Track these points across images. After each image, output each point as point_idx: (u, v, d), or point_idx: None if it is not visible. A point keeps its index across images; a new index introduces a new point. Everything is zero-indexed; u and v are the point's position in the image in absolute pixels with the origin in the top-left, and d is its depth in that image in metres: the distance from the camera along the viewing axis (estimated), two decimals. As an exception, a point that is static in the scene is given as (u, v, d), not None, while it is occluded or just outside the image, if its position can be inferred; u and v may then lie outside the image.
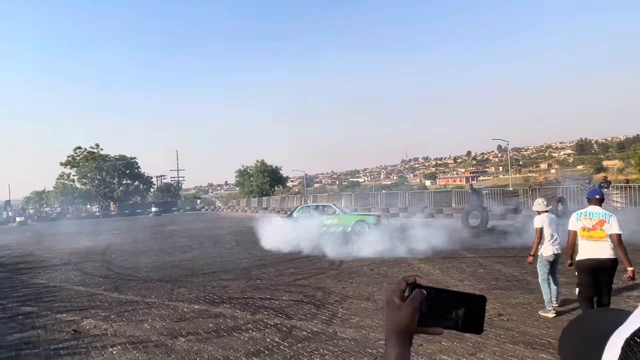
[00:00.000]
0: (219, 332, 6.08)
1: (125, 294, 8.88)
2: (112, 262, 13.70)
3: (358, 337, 5.63)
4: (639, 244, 10.83)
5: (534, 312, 6.34)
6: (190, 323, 6.62)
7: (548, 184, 41.18)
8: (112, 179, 68.57)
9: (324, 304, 7.39)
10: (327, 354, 5.12)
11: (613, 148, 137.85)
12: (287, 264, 11.53)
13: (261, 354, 5.21)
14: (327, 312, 6.85)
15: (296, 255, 12.81)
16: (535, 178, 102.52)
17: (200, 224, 31.04)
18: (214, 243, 17.67)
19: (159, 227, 30.02)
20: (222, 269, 11.50)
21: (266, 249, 14.25)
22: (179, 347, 5.59)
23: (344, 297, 7.75)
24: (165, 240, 20.01)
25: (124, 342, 5.87)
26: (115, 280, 10.49)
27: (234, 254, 14.19)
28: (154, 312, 7.38)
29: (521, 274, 8.89)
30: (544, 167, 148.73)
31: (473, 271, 9.48)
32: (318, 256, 12.37)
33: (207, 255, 14.12)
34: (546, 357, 4.69)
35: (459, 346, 5.09)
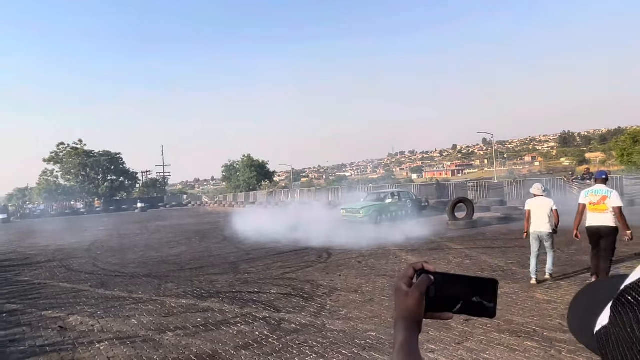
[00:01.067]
0: (207, 327, 6.07)
1: (112, 290, 8.80)
2: (97, 258, 13.55)
3: (347, 328, 5.66)
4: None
5: (520, 301, 6.44)
6: (178, 318, 6.59)
7: (532, 176, 41.65)
8: (96, 175, 67.68)
9: (312, 296, 7.41)
10: (316, 345, 5.14)
11: (595, 140, 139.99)
12: (275, 258, 11.52)
13: (250, 347, 5.22)
14: (315, 305, 6.87)
15: (284, 249, 12.82)
16: (520, 171, 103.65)
17: (187, 219, 30.84)
18: (201, 238, 17.57)
19: (145, 222, 29.74)
20: (209, 263, 11.45)
21: (253, 243, 14.24)
22: (167, 341, 5.56)
23: (332, 290, 7.78)
24: (151, 236, 19.84)
25: (111, 338, 5.82)
26: (101, 277, 10.38)
27: (221, 248, 14.14)
28: (142, 307, 7.33)
29: (506, 265, 9.01)
30: (528, 160, 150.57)
31: (459, 262, 9.58)
32: (306, 249, 12.41)
33: (194, 250, 14.04)
34: (531, 345, 4.77)
35: (446, 335, 5.15)
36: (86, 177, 66.55)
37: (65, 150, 66.23)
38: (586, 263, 8.65)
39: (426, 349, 4.78)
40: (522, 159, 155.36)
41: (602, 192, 6.87)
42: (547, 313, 5.81)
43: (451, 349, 4.80)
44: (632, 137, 29.00)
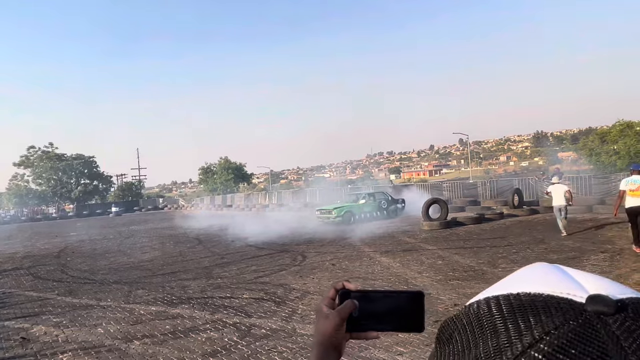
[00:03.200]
0: (175, 334, 5.96)
1: (80, 298, 8.58)
2: (67, 265, 13.21)
3: (317, 332, 5.63)
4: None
5: (488, 301, 6.52)
6: (146, 325, 6.46)
7: (507, 176, 42.43)
8: (69, 179, 66.16)
9: (284, 300, 7.37)
10: (285, 351, 5.10)
11: (567, 140, 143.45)
12: (250, 262, 11.44)
13: (218, 354, 5.14)
14: (287, 309, 6.83)
15: (259, 252, 12.73)
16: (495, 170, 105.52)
17: (163, 223, 30.37)
18: (175, 242, 17.32)
19: (118, 227, 29.17)
20: (182, 268, 11.28)
21: (229, 247, 14.11)
22: (133, 350, 5.44)
23: (305, 293, 7.75)
24: (124, 241, 19.46)
25: (76, 348, 5.66)
26: (69, 284, 10.12)
27: (195, 252, 13.96)
28: (109, 315, 7.17)
29: (478, 265, 9.13)
30: (503, 160, 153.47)
31: (432, 263, 9.66)
32: (280, 252, 12.35)
33: (167, 255, 13.83)
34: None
35: (415, 337, 5.17)
36: (58, 181, 64.97)
37: (36, 153, 64.55)
38: (555, 262, 8.81)
39: (394, 352, 4.80)
40: (498, 159, 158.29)
41: (638, 182, 9.04)
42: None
43: (419, 351, 4.82)
44: (600, 137, 29.83)
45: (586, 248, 10.05)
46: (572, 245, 10.51)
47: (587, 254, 9.37)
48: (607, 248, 9.81)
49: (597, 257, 9.06)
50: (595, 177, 20.32)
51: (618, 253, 9.23)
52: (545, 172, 25.41)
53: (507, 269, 8.60)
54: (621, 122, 28.95)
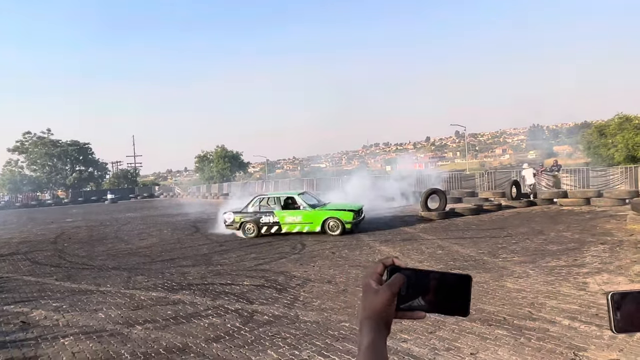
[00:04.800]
0: (177, 319, 5.93)
1: (79, 283, 8.54)
2: (64, 250, 13.14)
3: (320, 319, 5.62)
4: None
5: (490, 290, 6.53)
6: (147, 311, 6.43)
7: (503, 168, 42.55)
8: (64, 166, 65.77)
9: (285, 287, 7.35)
10: (288, 337, 5.09)
11: (563, 134, 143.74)
12: (249, 249, 11.41)
13: (221, 339, 5.12)
14: (288, 296, 6.81)
15: (258, 241, 12.70)
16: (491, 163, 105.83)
17: (159, 210, 30.28)
18: (173, 229, 17.26)
19: (115, 214, 29.06)
20: (181, 255, 11.25)
21: (227, 234, 14.07)
22: (135, 335, 5.41)
23: (306, 281, 7.73)
24: (121, 227, 19.39)
25: (77, 333, 5.63)
26: (68, 270, 10.07)
27: (193, 240, 13.91)
28: (109, 300, 7.13)
29: (478, 254, 9.14)
30: (499, 152, 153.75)
31: (432, 252, 9.67)
32: (280, 241, 12.33)
33: (165, 242, 13.78)
34: (502, 333, 4.83)
35: (419, 325, 5.17)
36: (53, 167, 64.59)
37: (31, 139, 64.06)
38: (554, 253, 8.87)
39: (399, 339, 4.79)
40: (493, 152, 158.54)
41: None
42: (517, 302, 5.89)
43: (424, 338, 4.82)
44: (599, 130, 29.90)
45: (585, 239, 10.07)
46: (571, 236, 10.53)
47: (586, 245, 9.39)
48: (607, 240, 9.84)
49: (597, 248, 9.08)
50: (593, 169, 20.37)
51: (617, 245, 9.25)
52: (543, 164, 25.44)
53: (507, 259, 8.62)
54: (620, 116, 29.03)
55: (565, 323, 4.99)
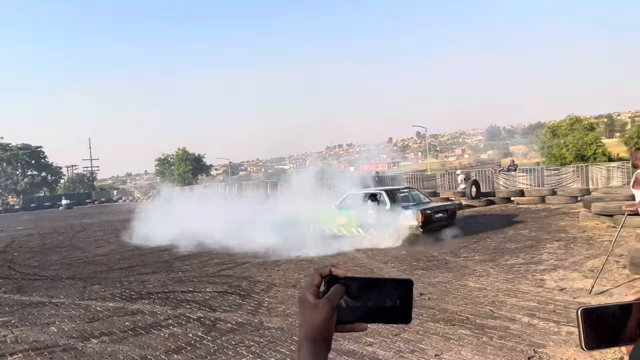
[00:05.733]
0: (136, 331, 5.70)
1: (30, 296, 8.10)
2: (14, 260, 12.48)
3: (284, 325, 5.53)
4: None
5: (453, 289, 6.62)
6: (104, 323, 6.15)
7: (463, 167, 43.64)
8: (14, 170, 62.74)
9: (249, 293, 7.22)
10: (252, 345, 4.97)
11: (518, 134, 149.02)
12: (212, 255, 11.16)
13: (183, 350, 4.95)
14: (252, 302, 6.69)
15: (221, 245, 12.44)
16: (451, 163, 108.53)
17: (117, 215, 29.30)
18: (132, 235, 16.69)
19: (70, 220, 27.91)
20: (140, 262, 10.89)
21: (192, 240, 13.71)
22: (90, 349, 5.16)
23: (270, 286, 7.62)
24: (77, 235, 18.61)
25: (26, 349, 5.31)
26: (17, 281, 9.55)
27: (153, 246, 13.48)
28: (63, 313, 6.79)
29: (440, 254, 9.28)
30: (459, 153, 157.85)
31: (396, 253, 9.74)
32: (243, 244, 12.12)
33: (124, 249, 13.32)
34: (464, 332, 4.88)
35: (384, 328, 5.16)
36: (3, 172, 61.51)
37: (-22, 144, 60.79)
38: (513, 251, 9.11)
39: (364, 342, 4.76)
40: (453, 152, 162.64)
41: None
42: (478, 300, 6.00)
43: (389, 340, 4.81)
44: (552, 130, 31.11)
45: (541, 237, 10.42)
46: (529, 234, 10.87)
47: (542, 243, 9.71)
48: (562, 237, 10.21)
49: (552, 245, 9.40)
50: (547, 168, 21.16)
51: (571, 241, 9.61)
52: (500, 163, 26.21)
53: (468, 258, 8.80)
54: (571, 117, 30.32)
55: (524, 320, 5.11)
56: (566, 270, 7.28)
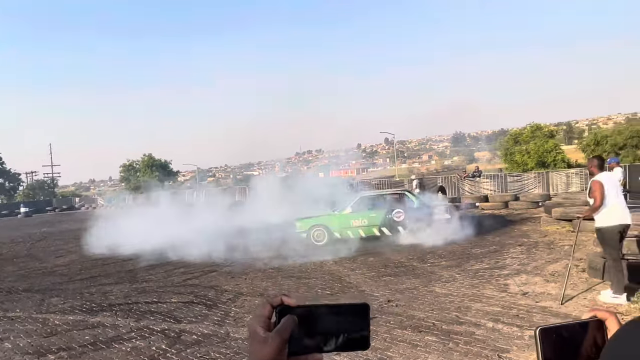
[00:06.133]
0: (96, 345, 5.49)
1: (-18, 310, 7.70)
2: (-33, 272, 11.86)
3: (251, 336, 5.43)
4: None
5: (420, 295, 6.68)
6: (62, 337, 5.90)
7: (430, 174, 44.42)
8: (-32, 177, 59.96)
9: (216, 303, 7.08)
10: (218, 357, 4.87)
11: (482, 141, 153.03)
12: (178, 264, 10.92)
13: (145, 364, 4.80)
14: (219, 312, 6.56)
15: (188, 253, 12.18)
16: (418, 169, 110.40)
17: (79, 224, 28.34)
18: (95, 244, 16.15)
19: (28, 229, 26.82)
20: (103, 272, 10.54)
21: (158, 249, 13.38)
22: (47, 366, 4.94)
23: (237, 295, 7.51)
24: (36, 244, 17.90)
25: (-23, 367, 5.04)
26: (-30, 294, 9.07)
27: (117, 255, 13.09)
28: (18, 327, 6.48)
29: (408, 260, 9.37)
30: (426, 159, 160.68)
31: (364, 260, 9.78)
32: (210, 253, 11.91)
33: (85, 259, 12.87)
34: (431, 339, 4.93)
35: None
36: (-44, 179, 58.68)
37: None
38: (478, 256, 9.29)
39: (332, 352, 4.73)
40: (421, 158, 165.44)
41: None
42: (445, 306, 6.07)
43: (356, 349, 4.79)
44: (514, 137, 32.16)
45: (505, 242, 10.68)
46: (493, 239, 11.12)
47: (506, 248, 9.95)
48: (524, 241, 10.49)
49: (515, 250, 9.64)
50: (510, 175, 21.78)
51: (533, 246, 9.88)
52: (465, 170, 26.80)
53: (435, 264, 8.92)
54: (532, 125, 31.46)
55: (489, 325, 5.20)
56: (529, 274, 7.47)
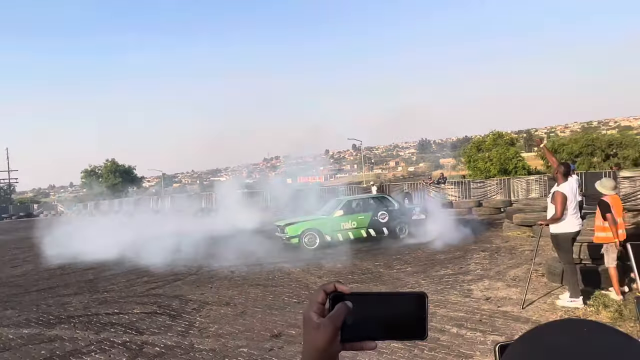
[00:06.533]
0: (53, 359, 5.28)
1: None
2: None
3: (217, 346, 5.35)
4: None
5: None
6: (16, 352, 5.64)
7: (397, 180, 45.04)
8: None
9: (180, 313, 6.93)
10: (182, 369, 4.76)
11: (447, 147, 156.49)
12: (141, 272, 10.64)
13: (105, 379, 4.64)
14: (183, 323, 6.42)
15: (152, 262, 11.89)
16: (385, 175, 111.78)
17: (38, 231, 27.22)
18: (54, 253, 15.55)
19: (-18, 238, 25.57)
20: (61, 282, 10.15)
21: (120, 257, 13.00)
22: (-1, 383, 4.70)
23: (203, 304, 7.37)
24: (-11, 254, 17.08)
25: None
26: None
27: (77, 264, 12.64)
28: (-32, 343, 6.15)
29: (375, 267, 9.44)
30: (392, 165, 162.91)
31: (331, 267, 9.80)
32: (175, 261, 11.66)
33: (43, 268, 12.36)
34: (397, 346, 4.96)
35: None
36: None
37: None
38: (443, 262, 9.46)
39: (298, 361, 4.70)
40: (388, 164, 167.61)
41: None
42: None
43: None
44: (477, 145, 33.05)
45: (469, 247, 10.91)
46: (457, 245, 11.34)
47: (470, 253, 10.17)
48: (487, 247, 10.75)
49: (478, 255, 9.87)
50: (473, 181, 22.33)
51: (495, 251, 10.15)
52: (431, 176, 27.29)
53: (401, 270, 9.03)
54: (494, 132, 32.42)
55: (453, 331, 5.29)
56: (491, 279, 7.65)
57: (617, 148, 32.88)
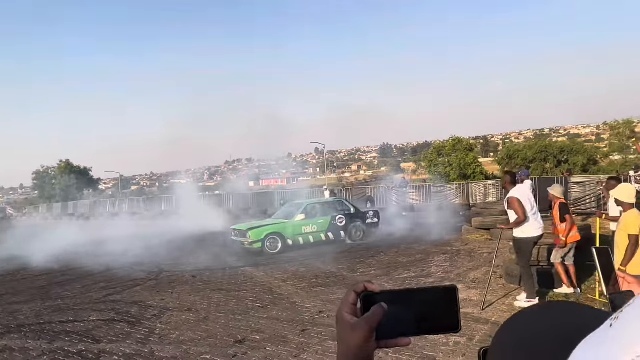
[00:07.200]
0: (2, 371, 5.00)
1: None
2: None
3: (178, 353, 5.21)
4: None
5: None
6: (-40, 364, 5.31)
7: (359, 184, 45.48)
8: None
9: (139, 320, 6.71)
10: (142, 378, 4.60)
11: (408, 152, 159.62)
12: (97, 277, 10.26)
13: (59, 390, 4.43)
14: (143, 330, 6.22)
15: (109, 266, 11.50)
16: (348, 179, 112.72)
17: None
18: (3, 259, 14.77)
19: None
20: (11, 289, 9.65)
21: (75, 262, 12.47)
22: (-59, 398, 4.41)
23: (163, 310, 7.17)
24: None
25: None
26: None
27: (29, 270, 12.05)
28: None
29: (338, 270, 9.47)
30: (355, 169, 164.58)
31: (295, 271, 9.75)
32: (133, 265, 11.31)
33: (-10, 275, 11.70)
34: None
35: (283, 349, 5.10)
36: None
37: None
38: (405, 265, 9.60)
39: (263, 367, 4.65)
40: (350, 168, 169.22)
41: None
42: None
43: (288, 363, 4.75)
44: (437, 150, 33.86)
45: (430, 250, 11.12)
46: (419, 248, 11.55)
47: (431, 256, 10.36)
48: (447, 250, 10.99)
49: (440, 258, 10.07)
50: (434, 185, 22.82)
51: (456, 254, 10.39)
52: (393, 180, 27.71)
53: (365, 273, 9.09)
54: (454, 138, 33.31)
55: (416, 333, 5.35)
56: (452, 282, 7.82)
57: (568, 155, 34.48)
